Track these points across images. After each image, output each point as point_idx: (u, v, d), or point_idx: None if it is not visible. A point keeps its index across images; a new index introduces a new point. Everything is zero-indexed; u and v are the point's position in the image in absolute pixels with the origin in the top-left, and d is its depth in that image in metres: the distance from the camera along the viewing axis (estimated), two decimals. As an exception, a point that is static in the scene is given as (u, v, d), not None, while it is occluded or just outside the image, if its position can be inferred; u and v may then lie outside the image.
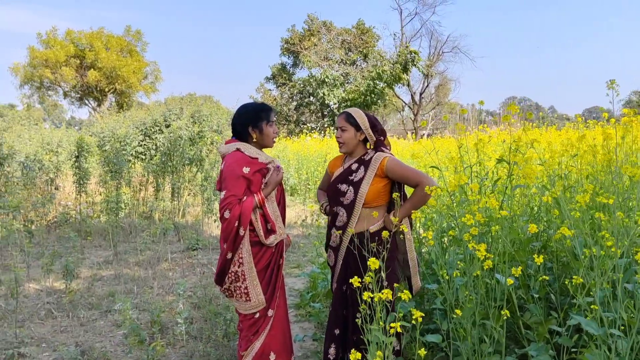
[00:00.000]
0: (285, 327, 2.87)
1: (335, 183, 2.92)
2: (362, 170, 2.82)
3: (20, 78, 33.49)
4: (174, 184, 9.66)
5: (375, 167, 2.79)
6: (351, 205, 2.81)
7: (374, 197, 2.78)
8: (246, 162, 2.64)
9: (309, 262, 6.45)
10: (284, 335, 2.84)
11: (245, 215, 2.55)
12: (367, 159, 2.85)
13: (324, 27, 31.71)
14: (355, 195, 2.79)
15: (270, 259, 2.74)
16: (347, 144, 2.88)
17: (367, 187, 2.77)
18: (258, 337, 2.72)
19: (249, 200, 2.58)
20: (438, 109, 39.18)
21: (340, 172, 2.94)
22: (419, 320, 1.98)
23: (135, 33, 35.95)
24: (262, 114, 2.74)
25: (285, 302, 2.93)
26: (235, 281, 2.67)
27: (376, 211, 2.81)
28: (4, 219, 6.39)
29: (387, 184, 2.83)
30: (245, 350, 2.73)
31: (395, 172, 2.78)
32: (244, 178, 2.60)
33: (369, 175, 2.79)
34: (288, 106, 31.15)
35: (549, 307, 2.78)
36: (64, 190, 10.19)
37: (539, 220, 3.40)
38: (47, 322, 4.46)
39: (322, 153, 14.26)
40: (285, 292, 2.97)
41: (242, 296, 2.68)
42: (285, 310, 2.91)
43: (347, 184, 2.85)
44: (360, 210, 2.80)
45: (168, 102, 18.69)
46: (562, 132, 4.63)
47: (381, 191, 2.81)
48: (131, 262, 6.47)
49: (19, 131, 12.59)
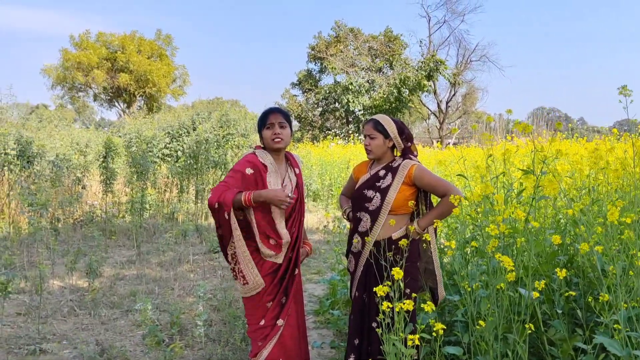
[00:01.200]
0: (298, 336, 2.83)
1: (362, 189, 2.89)
2: (389, 177, 2.79)
3: (53, 79, 34.30)
4: (198, 187, 9.74)
5: (403, 175, 2.76)
6: (377, 211, 2.79)
7: (400, 205, 2.75)
8: (253, 165, 2.66)
9: (329, 269, 6.42)
10: (297, 344, 2.80)
11: (224, 198, 2.53)
12: (394, 166, 2.82)
13: (351, 33, 31.75)
14: (382, 201, 2.77)
15: (276, 268, 2.75)
16: (375, 152, 2.86)
17: (394, 194, 2.74)
18: (266, 345, 2.69)
19: (233, 190, 2.57)
20: (464, 117, 38.81)
21: (367, 178, 2.91)
22: (440, 333, 1.94)
23: (165, 37, 36.56)
24: (261, 120, 2.77)
25: (301, 311, 2.90)
26: (234, 263, 2.71)
27: (401, 219, 2.78)
28: (32, 216, 6.52)
29: (413, 192, 2.80)
30: (254, 356, 2.71)
31: (423, 180, 2.75)
32: (241, 174, 2.62)
33: (397, 183, 2.76)
34: (313, 112, 31.23)
35: (574, 323, 2.70)
36: (91, 190, 10.37)
37: (565, 234, 3.32)
38: (69, 319, 4.53)
39: (345, 159, 14.23)
40: (302, 300, 2.94)
41: (240, 279, 2.70)
42: (301, 319, 2.88)
43: (373, 190, 2.82)
44: (386, 217, 2.77)
45: (196, 105, 18.96)
46: (591, 144, 4.52)
47: (408, 199, 2.77)
48: (153, 263, 6.53)
49: (50, 130, 12.89)
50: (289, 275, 2.78)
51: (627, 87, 2.07)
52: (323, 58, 30.76)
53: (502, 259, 2.14)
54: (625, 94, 2.08)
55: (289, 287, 2.78)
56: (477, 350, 2.47)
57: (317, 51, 31.45)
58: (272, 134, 2.70)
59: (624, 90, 2.08)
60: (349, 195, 3.18)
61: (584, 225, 2.66)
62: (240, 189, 2.60)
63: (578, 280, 2.78)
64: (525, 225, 2.30)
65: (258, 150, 2.77)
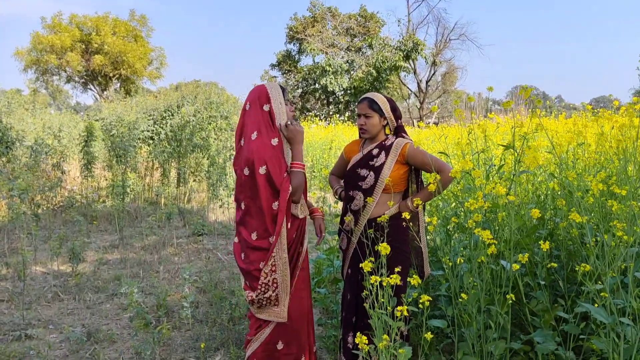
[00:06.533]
0: (300, 319, 2.74)
1: (355, 168, 2.90)
2: (383, 156, 2.81)
3: (25, 63, 33.40)
4: (180, 170, 9.67)
5: (397, 153, 2.79)
6: (370, 189, 2.80)
7: (394, 183, 2.78)
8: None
9: (314, 249, 6.47)
10: (299, 327, 2.73)
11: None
12: (388, 145, 2.84)
13: (328, 13, 31.47)
14: (376, 180, 2.79)
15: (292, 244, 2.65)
16: (371, 131, 2.86)
17: (388, 172, 2.77)
18: (268, 324, 2.66)
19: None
20: (444, 97, 38.98)
21: (360, 157, 2.91)
22: (426, 305, 1.99)
23: (140, 18, 35.71)
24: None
25: (307, 294, 2.80)
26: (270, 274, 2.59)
27: (394, 197, 2.81)
28: (11, 202, 6.42)
29: (406, 171, 2.84)
30: (254, 335, 2.70)
31: (417, 158, 2.78)
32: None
33: (390, 161, 2.78)
34: (293, 93, 31.04)
35: (555, 294, 2.78)
36: (70, 175, 10.22)
37: (545, 208, 3.39)
38: (53, 304, 4.50)
39: (327, 140, 14.23)
40: (309, 283, 2.83)
41: (271, 298, 2.59)
42: (305, 303, 2.77)
43: (367, 168, 2.83)
44: (380, 195, 2.79)
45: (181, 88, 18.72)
46: (569, 121, 4.60)
47: (401, 177, 2.81)
48: (137, 247, 6.50)
49: (22, 115, 12.58)
50: (296, 254, 2.68)
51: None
52: (301, 39, 30.50)
53: (481, 233, 2.19)
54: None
55: (295, 266, 2.68)
56: (461, 322, 2.53)
57: (295, 32, 31.15)
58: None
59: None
60: (339, 174, 3.20)
61: (564, 199, 2.73)
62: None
63: (559, 253, 2.85)
64: (505, 199, 2.35)
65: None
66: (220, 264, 5.72)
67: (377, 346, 1.85)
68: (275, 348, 2.68)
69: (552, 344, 2.27)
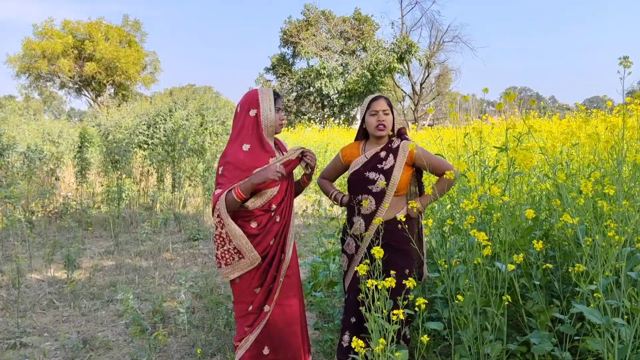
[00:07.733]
0: (286, 326, 2.71)
1: (362, 171, 2.86)
2: (391, 158, 2.81)
3: (17, 70, 33.25)
4: (174, 175, 9.65)
5: (405, 155, 2.80)
6: (381, 193, 2.79)
7: (404, 185, 2.79)
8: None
9: (310, 252, 6.46)
10: (285, 334, 2.70)
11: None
12: (394, 147, 2.84)
13: (322, 16, 31.53)
14: (387, 183, 2.78)
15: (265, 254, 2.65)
16: (389, 128, 2.84)
17: (398, 175, 2.77)
18: (253, 330, 2.65)
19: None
20: (439, 99, 39.07)
21: (366, 160, 2.88)
22: (422, 307, 1.99)
23: (133, 23, 35.65)
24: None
25: (298, 300, 2.77)
26: (225, 243, 2.58)
27: (401, 199, 2.84)
28: (5, 209, 6.39)
29: (412, 173, 2.87)
30: (239, 341, 2.69)
31: (424, 160, 2.79)
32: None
33: (399, 163, 2.79)
34: (288, 97, 31.05)
35: (551, 295, 2.78)
36: (64, 181, 10.18)
37: (540, 209, 3.40)
38: (48, 312, 4.48)
39: (322, 143, 14.23)
40: (300, 289, 2.82)
41: (233, 256, 2.58)
42: (294, 310, 2.75)
43: (375, 171, 2.82)
44: (391, 198, 2.79)
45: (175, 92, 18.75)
46: (563, 121, 4.61)
47: (408, 179, 2.83)
48: (132, 253, 6.48)
49: (16, 122, 12.54)
50: (277, 261, 2.68)
51: (629, 59, 2.07)
52: (296, 42, 30.54)
53: (476, 235, 2.19)
54: (625, 65, 2.09)
55: (277, 274, 2.68)
56: (457, 324, 2.53)
57: (289, 35, 31.19)
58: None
59: (625, 61, 2.09)
60: (332, 179, 3.18)
61: (559, 200, 2.73)
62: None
63: (554, 254, 2.86)
64: (500, 200, 2.36)
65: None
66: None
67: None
68: (261, 353, 2.68)
69: (549, 345, 2.27)
